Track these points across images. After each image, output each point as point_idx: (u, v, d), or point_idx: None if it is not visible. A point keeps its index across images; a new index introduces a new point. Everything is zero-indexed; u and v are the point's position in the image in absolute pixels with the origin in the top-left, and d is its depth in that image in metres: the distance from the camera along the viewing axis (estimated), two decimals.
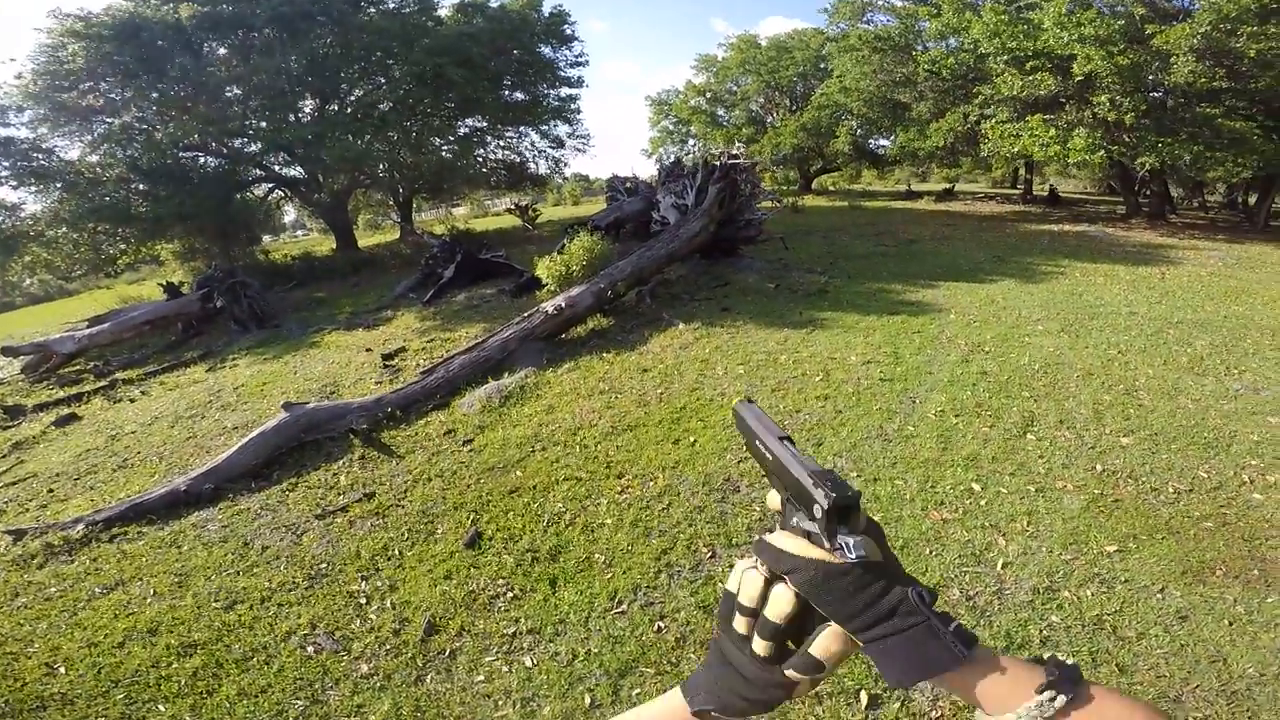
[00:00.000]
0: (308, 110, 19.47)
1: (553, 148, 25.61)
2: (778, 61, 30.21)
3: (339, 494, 5.07)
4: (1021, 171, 29.85)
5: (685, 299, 8.90)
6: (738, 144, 11.90)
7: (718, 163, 10.75)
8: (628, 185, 16.13)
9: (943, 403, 5.22)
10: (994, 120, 17.08)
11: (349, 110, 19.01)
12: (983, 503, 4.13)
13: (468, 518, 4.40)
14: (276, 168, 20.02)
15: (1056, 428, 4.94)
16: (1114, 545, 3.93)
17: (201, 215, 17.39)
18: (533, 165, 25.83)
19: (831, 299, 8.59)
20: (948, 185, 31.95)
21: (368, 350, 8.43)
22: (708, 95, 33.57)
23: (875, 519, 0.69)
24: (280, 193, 22.86)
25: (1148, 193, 20.54)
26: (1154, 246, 14.06)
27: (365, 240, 28.22)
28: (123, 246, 17.33)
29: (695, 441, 4.84)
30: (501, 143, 25.27)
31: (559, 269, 8.05)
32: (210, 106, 16.32)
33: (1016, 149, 16.63)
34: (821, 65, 29.30)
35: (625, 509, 4.15)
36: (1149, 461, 4.63)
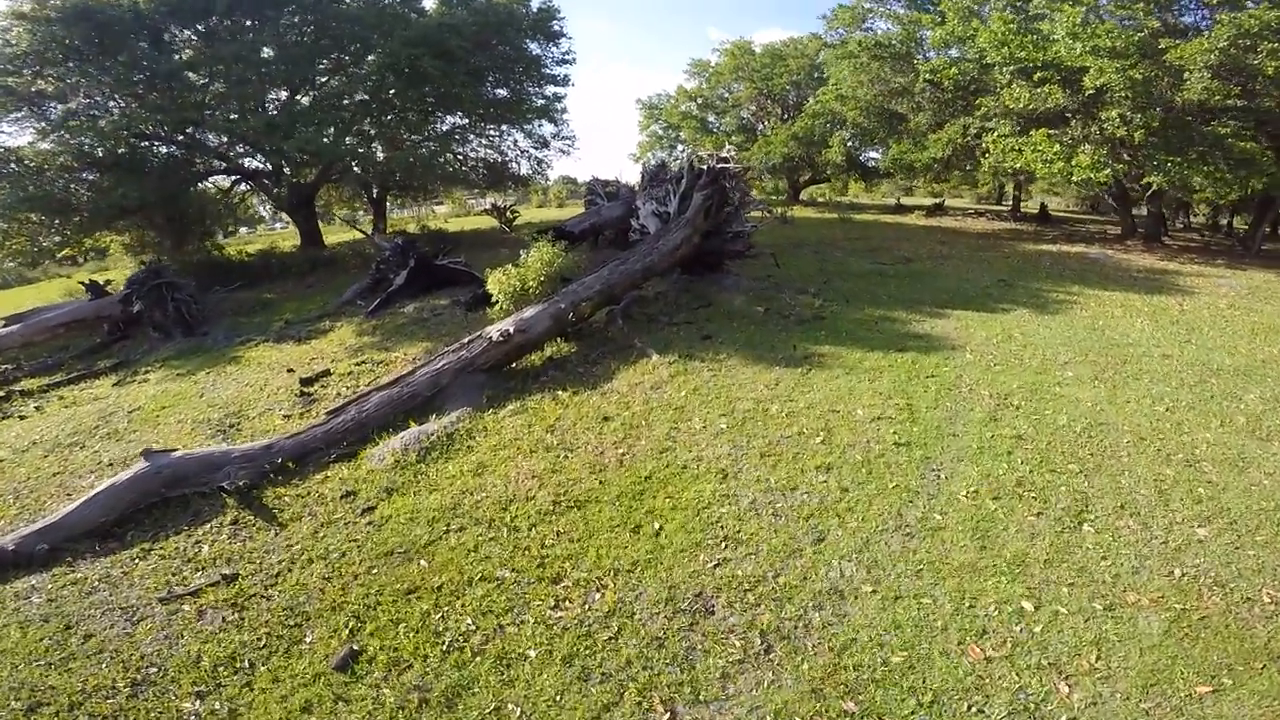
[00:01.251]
0: (279, 100, 18.23)
1: (536, 148, 24.60)
2: (771, 69, 29.44)
3: (196, 569, 3.96)
4: (1009, 188, 29.42)
5: (662, 321, 7.79)
6: (728, 146, 10.71)
7: (704, 167, 9.67)
8: (608, 189, 15.08)
9: (975, 479, 4.18)
10: (995, 134, 16.29)
11: (318, 101, 17.80)
12: (1037, 629, 3.10)
13: (346, 625, 3.29)
14: (241, 159, 18.71)
15: (1117, 514, 3.92)
16: (1206, 684, 2.96)
17: (149, 207, 16.18)
18: (515, 165, 24.77)
19: (829, 328, 7.54)
20: (937, 200, 31.32)
21: (289, 371, 7.24)
22: (699, 101, 32.69)
23: None
24: (246, 185, 21.56)
25: (1146, 213, 19.96)
26: (1159, 272, 13.33)
27: (341, 237, 26.85)
28: (57, 239, 15.95)
29: (661, 530, 3.75)
30: (484, 141, 24.22)
31: (513, 285, 6.88)
32: (165, 93, 15.04)
33: (1019, 164, 15.88)
34: (816, 74, 28.63)
35: (557, 635, 3.04)
36: (1234, 560, 3.65)
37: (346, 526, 4.18)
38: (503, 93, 21.74)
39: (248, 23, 15.93)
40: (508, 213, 23.70)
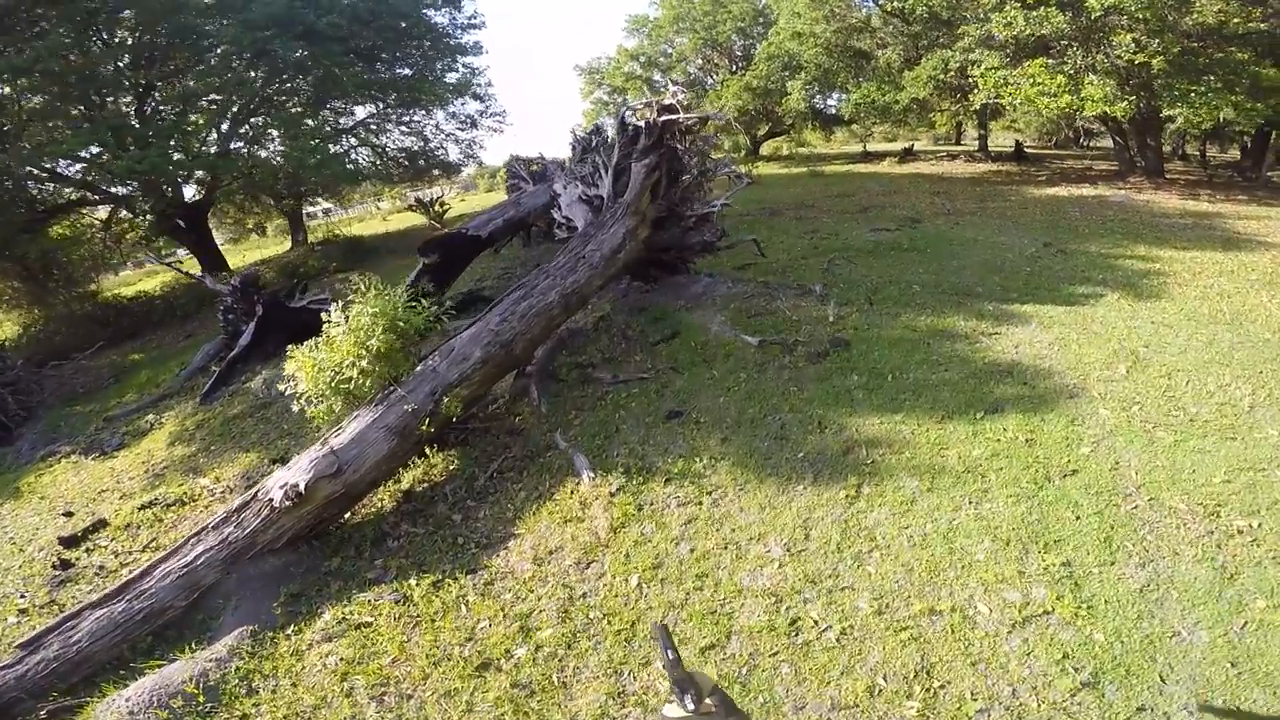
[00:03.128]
0: (125, 108, 14.83)
1: (463, 129, 21.63)
2: (713, 16, 26.67)
3: None
4: (968, 126, 27.66)
5: (604, 381, 5.15)
6: (673, 88, 7.61)
7: (642, 122, 6.56)
8: (533, 168, 12.26)
9: None
10: (984, 66, 13.89)
11: (162, 109, 14.60)
12: None
13: None
14: (97, 184, 15.32)
15: None
16: None
17: None
18: (442, 151, 21.78)
19: (861, 366, 4.86)
20: (906, 145, 28.97)
21: (67, 515, 4.56)
22: (642, 59, 29.72)
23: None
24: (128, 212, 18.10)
25: (1138, 147, 17.95)
26: (1204, 216, 11.34)
27: (260, 253, 23.47)
28: None
29: None
30: (405, 128, 21.13)
31: (328, 372, 3.81)
32: None
33: (1016, 98, 13.59)
34: (762, 19, 26.05)
35: None
36: None
37: None
38: (406, 71, 18.61)
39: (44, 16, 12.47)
40: (436, 206, 20.71)
